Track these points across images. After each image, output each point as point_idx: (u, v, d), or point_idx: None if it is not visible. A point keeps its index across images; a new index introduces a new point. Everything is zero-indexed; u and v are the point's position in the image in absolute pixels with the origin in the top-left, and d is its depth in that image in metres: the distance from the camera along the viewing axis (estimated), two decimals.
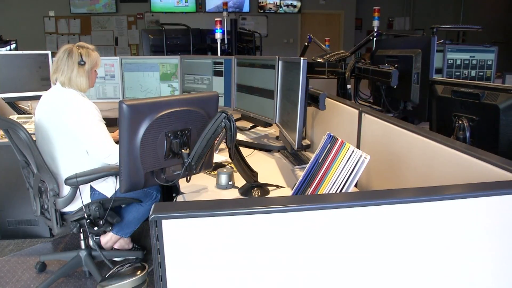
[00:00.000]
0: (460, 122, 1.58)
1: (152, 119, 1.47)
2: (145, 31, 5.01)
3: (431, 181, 1.30)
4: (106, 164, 2.08)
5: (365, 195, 0.92)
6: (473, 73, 2.83)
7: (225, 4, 4.16)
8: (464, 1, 10.10)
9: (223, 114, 1.51)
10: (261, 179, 1.84)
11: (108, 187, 2.16)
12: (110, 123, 2.35)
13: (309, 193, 1.34)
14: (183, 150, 1.55)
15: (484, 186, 0.92)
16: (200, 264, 0.80)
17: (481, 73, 2.84)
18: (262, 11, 9.18)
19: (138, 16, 8.82)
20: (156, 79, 3.29)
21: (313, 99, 1.99)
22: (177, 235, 0.77)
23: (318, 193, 1.27)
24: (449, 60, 2.76)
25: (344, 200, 0.85)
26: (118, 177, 1.79)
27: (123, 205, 2.33)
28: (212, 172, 1.99)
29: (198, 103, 1.62)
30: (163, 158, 1.55)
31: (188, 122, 1.59)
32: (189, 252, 0.79)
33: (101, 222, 2.13)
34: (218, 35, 3.46)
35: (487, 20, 9.87)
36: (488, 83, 2.44)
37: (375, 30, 3.04)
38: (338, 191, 1.19)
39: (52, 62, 2.99)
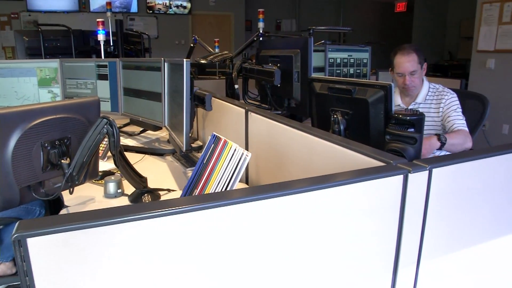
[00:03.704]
0: (335, 116, 1.70)
1: (24, 129, 1.35)
2: (19, 32, 4.59)
3: (311, 172, 1.38)
4: None
5: (256, 190, 0.94)
6: (351, 70, 3.07)
7: (109, 4, 3.97)
8: (344, 5, 10.98)
9: (104, 119, 1.44)
10: (153, 184, 1.80)
11: None
12: None
13: (195, 194, 1.34)
14: (62, 161, 1.45)
15: (358, 173, 1.01)
16: (83, 282, 0.75)
17: (358, 71, 3.10)
18: (151, 11, 8.94)
19: (12, 15, 8.00)
20: (34, 85, 3.02)
21: (199, 100, 1.99)
22: (47, 253, 0.71)
23: (205, 192, 1.28)
24: (330, 59, 2.96)
25: (237, 197, 0.86)
26: None
27: (1, 226, 2.11)
28: (99, 181, 1.89)
29: (77, 109, 1.52)
30: (41, 171, 1.43)
31: (67, 130, 1.48)
32: (66, 270, 0.74)
33: None
34: (100, 37, 3.29)
35: (364, 23, 10.87)
36: (359, 80, 2.66)
37: (260, 31, 3.15)
38: (223, 189, 1.21)
39: None
